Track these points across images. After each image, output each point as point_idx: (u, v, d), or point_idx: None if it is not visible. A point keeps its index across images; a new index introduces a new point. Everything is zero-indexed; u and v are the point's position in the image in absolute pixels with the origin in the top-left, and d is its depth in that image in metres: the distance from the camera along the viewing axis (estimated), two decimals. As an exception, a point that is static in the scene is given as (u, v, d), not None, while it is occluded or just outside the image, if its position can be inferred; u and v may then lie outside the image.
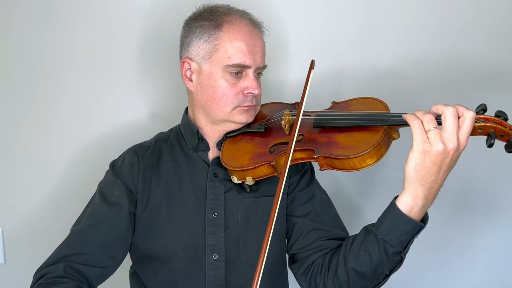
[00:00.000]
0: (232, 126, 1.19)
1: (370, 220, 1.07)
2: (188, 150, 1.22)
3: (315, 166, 1.21)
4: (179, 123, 1.28)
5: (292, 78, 1.54)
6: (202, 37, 1.14)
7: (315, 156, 1.04)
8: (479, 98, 1.03)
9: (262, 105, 1.26)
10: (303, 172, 1.25)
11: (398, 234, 0.99)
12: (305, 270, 1.17)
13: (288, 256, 1.25)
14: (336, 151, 1.02)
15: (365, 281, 1.06)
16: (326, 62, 1.52)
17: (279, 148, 1.10)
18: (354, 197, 1.61)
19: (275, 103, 1.29)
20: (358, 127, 1.05)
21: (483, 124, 0.92)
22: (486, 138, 0.92)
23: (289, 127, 1.13)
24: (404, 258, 1.03)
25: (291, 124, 1.13)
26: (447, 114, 0.91)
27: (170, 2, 1.52)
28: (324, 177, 1.26)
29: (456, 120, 0.91)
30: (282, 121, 1.14)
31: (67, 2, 1.53)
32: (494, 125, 0.92)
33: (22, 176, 1.62)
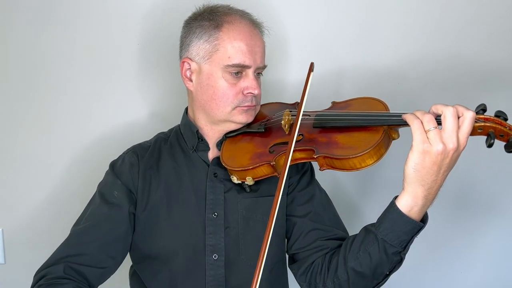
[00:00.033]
0: (232, 126, 1.19)
1: (370, 220, 1.07)
2: (188, 150, 1.22)
3: (315, 166, 1.21)
4: (179, 123, 1.28)
5: (292, 78, 1.54)
6: (202, 37, 1.14)
7: (315, 156, 1.04)
8: (479, 98, 1.04)
9: (262, 105, 1.26)
10: (303, 172, 1.25)
11: (398, 234, 0.99)
12: (305, 270, 1.17)
13: (288, 256, 1.25)
14: (336, 151, 1.02)
15: (365, 281, 1.06)
16: (326, 62, 1.52)
17: (279, 148, 1.10)
18: (354, 197, 1.61)
19: (275, 103, 1.29)
20: (358, 127, 1.05)
21: (483, 124, 0.92)
22: (486, 138, 0.92)
23: (289, 127, 1.13)
24: (404, 258, 1.03)
25: (291, 124, 1.13)
26: (447, 114, 0.91)
27: (170, 2, 1.52)
28: (324, 177, 1.26)
29: (456, 120, 0.91)
30: (282, 121, 1.14)
31: (67, 2, 1.53)
32: (494, 125, 0.92)
33: (22, 176, 1.62)
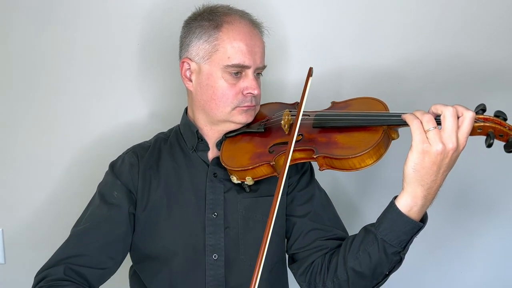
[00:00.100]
0: (232, 126, 1.19)
1: (370, 220, 1.07)
2: (188, 150, 1.22)
3: (315, 166, 1.21)
4: (179, 123, 1.29)
5: (292, 78, 1.54)
6: (202, 37, 1.14)
7: (315, 156, 1.04)
8: (479, 98, 1.04)
9: (262, 105, 1.26)
10: (303, 172, 1.25)
11: (398, 234, 0.99)
12: (305, 270, 1.17)
13: (288, 256, 1.25)
14: (336, 151, 1.02)
15: (365, 281, 1.06)
16: (326, 62, 1.52)
17: (279, 148, 1.10)
18: (354, 197, 1.61)
19: (275, 103, 1.29)
20: (358, 127, 1.05)
21: (482, 124, 0.92)
22: (485, 138, 0.92)
23: (289, 127, 1.13)
24: (404, 258, 1.03)
25: (291, 124, 1.13)
26: (447, 114, 0.91)
27: (170, 2, 1.52)
28: (324, 177, 1.27)
29: (456, 120, 0.91)
30: (282, 121, 1.14)
31: (67, 2, 1.53)
32: (493, 125, 0.92)
33: (22, 176, 1.62)
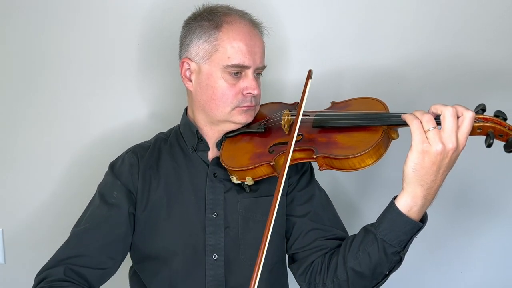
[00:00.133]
0: (232, 126, 1.19)
1: (370, 220, 1.07)
2: (188, 150, 1.22)
3: (315, 166, 1.21)
4: (179, 123, 1.29)
5: (292, 78, 1.54)
6: (202, 38, 1.14)
7: (315, 156, 1.04)
8: (479, 98, 1.04)
9: (262, 105, 1.26)
10: (303, 172, 1.25)
11: (397, 234, 0.99)
12: (305, 270, 1.17)
13: (288, 256, 1.25)
14: (336, 151, 1.02)
15: (364, 281, 1.06)
16: (326, 62, 1.52)
17: (279, 148, 1.10)
18: (354, 197, 1.61)
19: (275, 103, 1.29)
20: (357, 127, 1.05)
21: (482, 124, 0.92)
22: (485, 138, 0.92)
23: (289, 127, 1.13)
24: (403, 258, 1.03)
25: (291, 124, 1.13)
26: (446, 114, 0.91)
27: (170, 2, 1.52)
28: (324, 177, 1.27)
29: (455, 120, 0.91)
30: (282, 121, 1.14)
31: (67, 2, 1.53)
32: (493, 125, 0.92)
33: (22, 176, 1.62)
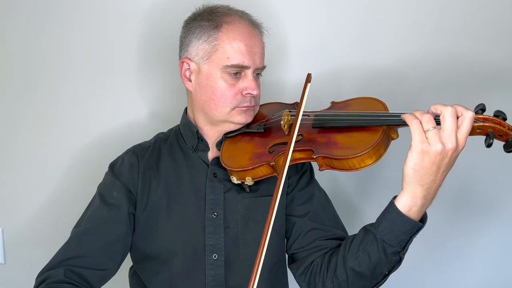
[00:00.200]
0: (231, 127, 1.19)
1: (369, 220, 1.07)
2: (188, 150, 1.22)
3: (315, 166, 1.21)
4: (179, 123, 1.29)
5: (292, 78, 1.54)
6: (201, 38, 1.14)
7: (314, 156, 1.04)
8: (479, 98, 1.03)
9: (261, 105, 1.26)
10: (303, 172, 1.25)
11: (397, 234, 0.99)
12: (304, 270, 1.17)
13: (287, 256, 1.25)
14: (335, 151, 1.02)
15: (364, 281, 1.06)
16: (326, 62, 1.52)
17: (278, 149, 1.10)
18: (353, 197, 1.61)
19: (274, 103, 1.29)
20: (357, 127, 1.05)
21: (482, 124, 0.92)
22: (485, 138, 0.92)
23: (288, 128, 1.13)
24: (403, 258, 1.03)
25: (290, 125, 1.13)
26: (446, 114, 0.91)
27: (170, 2, 1.52)
28: (324, 177, 1.27)
29: (455, 120, 0.91)
30: (281, 121, 1.14)
31: (67, 2, 1.53)
32: (493, 125, 0.92)
33: (22, 176, 1.62)
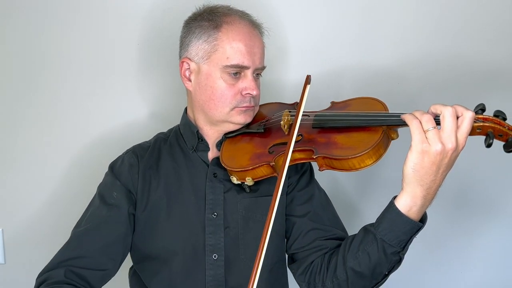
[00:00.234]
0: (231, 127, 1.19)
1: (369, 220, 1.07)
2: (188, 150, 1.22)
3: (315, 166, 1.21)
4: (179, 123, 1.29)
5: (292, 78, 1.54)
6: (201, 38, 1.14)
7: (314, 157, 1.04)
8: (479, 98, 1.03)
9: (261, 105, 1.26)
10: (302, 172, 1.25)
11: (397, 234, 0.99)
12: (304, 270, 1.17)
13: (287, 256, 1.25)
14: (335, 152, 1.02)
15: (364, 281, 1.06)
16: (326, 62, 1.52)
17: (278, 149, 1.11)
18: (353, 197, 1.61)
19: (274, 103, 1.29)
20: (357, 128, 1.05)
21: (482, 124, 0.92)
22: (485, 138, 0.92)
23: (288, 128, 1.13)
24: (403, 258, 1.03)
25: (290, 125, 1.13)
26: (446, 114, 0.91)
27: (170, 2, 1.52)
28: (323, 177, 1.27)
29: (455, 120, 0.91)
30: (281, 122, 1.14)
31: (67, 2, 1.53)
32: (493, 125, 0.92)
33: (22, 176, 1.62)
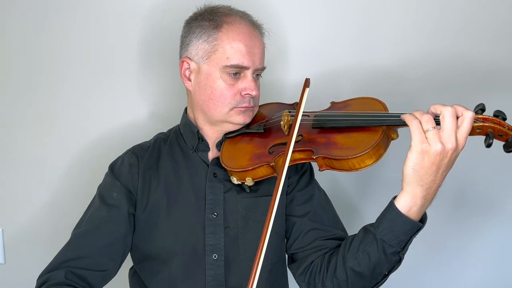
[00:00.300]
0: (230, 127, 1.19)
1: (369, 220, 1.07)
2: (188, 150, 1.22)
3: (315, 166, 1.21)
4: (179, 123, 1.29)
5: (292, 78, 1.54)
6: (202, 37, 1.14)
7: (314, 157, 1.04)
8: (479, 98, 1.03)
9: (261, 106, 1.26)
10: (302, 172, 1.25)
11: (397, 234, 0.99)
12: (304, 270, 1.17)
13: (287, 256, 1.25)
14: (335, 152, 1.02)
15: (364, 281, 1.06)
16: (326, 62, 1.52)
17: (278, 149, 1.11)
18: (353, 197, 1.61)
19: (274, 104, 1.28)
20: (357, 128, 1.05)
21: (482, 124, 0.92)
22: (485, 138, 0.92)
23: (288, 128, 1.13)
24: (403, 258, 1.03)
25: (290, 125, 1.13)
26: (446, 114, 0.91)
27: (170, 2, 1.52)
28: (323, 177, 1.27)
29: (455, 120, 0.91)
30: (281, 122, 1.14)
31: (67, 2, 1.53)
32: (493, 125, 0.92)
33: (22, 176, 1.62)
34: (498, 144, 0.94)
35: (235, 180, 1.15)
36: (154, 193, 1.18)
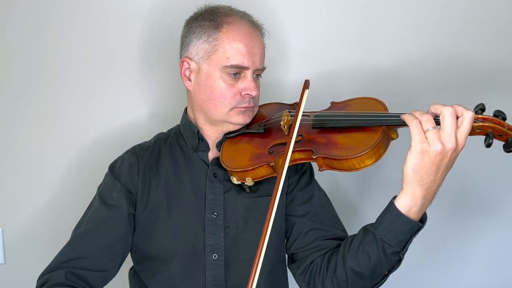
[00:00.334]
0: (230, 127, 1.19)
1: (369, 220, 1.07)
2: (188, 150, 1.22)
3: (315, 166, 1.21)
4: (179, 123, 1.29)
5: (292, 78, 1.54)
6: (202, 37, 1.14)
7: (314, 157, 1.04)
8: (479, 98, 1.03)
9: (261, 106, 1.26)
10: (302, 172, 1.25)
11: (397, 234, 0.99)
12: (304, 270, 1.17)
13: (287, 256, 1.25)
14: (335, 152, 1.02)
15: (364, 281, 1.06)
16: (326, 62, 1.52)
17: (278, 149, 1.11)
18: (353, 197, 1.61)
19: (274, 104, 1.28)
20: (357, 128, 1.05)
21: (482, 124, 0.92)
22: (485, 138, 0.92)
23: (288, 128, 1.13)
24: (403, 258, 1.03)
25: (290, 125, 1.13)
26: (446, 114, 0.91)
27: (170, 2, 1.52)
28: (323, 177, 1.27)
29: (455, 120, 0.91)
30: (281, 122, 1.14)
31: (67, 2, 1.53)
32: (493, 125, 0.92)
33: (22, 176, 1.62)
34: (498, 144, 0.94)
35: (235, 180, 1.15)
36: (154, 193, 1.18)
